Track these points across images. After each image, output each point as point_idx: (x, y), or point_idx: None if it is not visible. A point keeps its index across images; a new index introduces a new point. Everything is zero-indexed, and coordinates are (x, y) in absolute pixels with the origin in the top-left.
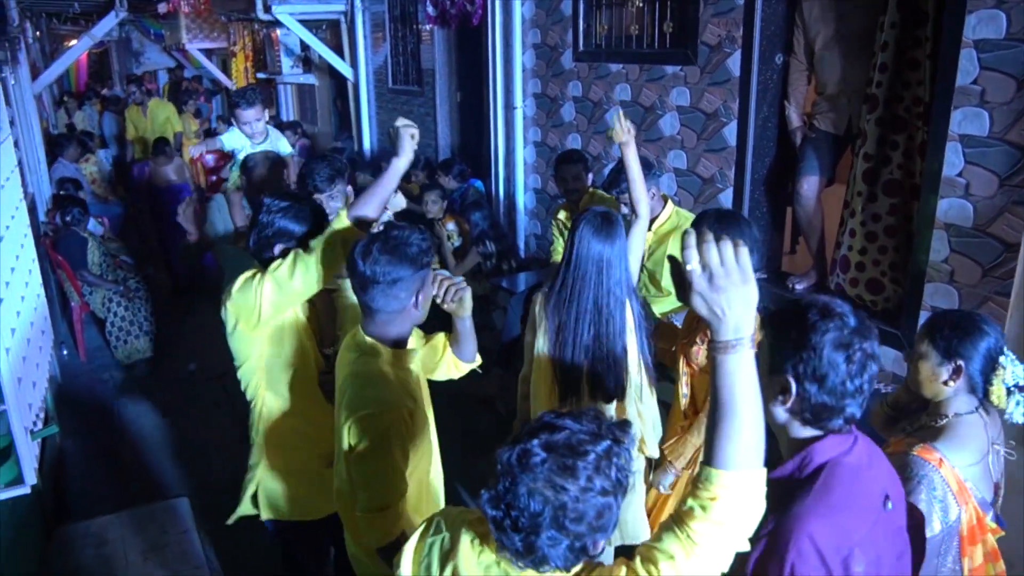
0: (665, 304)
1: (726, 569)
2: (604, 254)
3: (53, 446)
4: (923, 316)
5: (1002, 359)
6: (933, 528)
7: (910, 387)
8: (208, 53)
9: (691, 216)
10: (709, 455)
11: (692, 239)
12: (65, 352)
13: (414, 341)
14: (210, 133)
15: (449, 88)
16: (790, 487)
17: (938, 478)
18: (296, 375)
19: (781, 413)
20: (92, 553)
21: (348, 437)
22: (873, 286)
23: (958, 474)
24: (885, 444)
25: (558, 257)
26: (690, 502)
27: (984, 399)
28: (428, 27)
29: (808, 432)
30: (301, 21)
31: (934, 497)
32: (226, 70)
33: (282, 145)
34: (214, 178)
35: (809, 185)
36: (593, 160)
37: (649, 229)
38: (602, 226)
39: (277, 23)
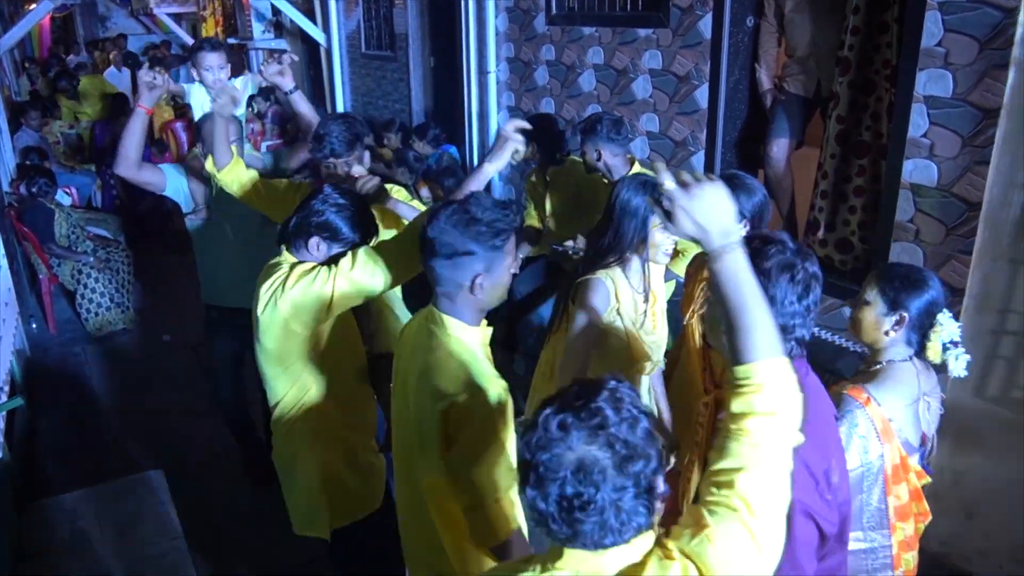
0: None
1: (791, 467)
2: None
3: (22, 420)
4: None
5: (940, 316)
6: (850, 463)
7: (849, 331)
8: (177, 18)
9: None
10: (736, 354)
11: (662, 165)
12: (34, 325)
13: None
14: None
15: (423, 53)
16: None
17: (863, 415)
18: (349, 367)
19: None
20: (67, 528)
21: (444, 426)
22: (842, 246)
23: (884, 414)
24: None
25: (532, 221)
26: (735, 405)
27: (920, 353)
28: None
29: None
30: None
31: (856, 433)
32: (195, 35)
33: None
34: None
35: (779, 147)
36: (566, 124)
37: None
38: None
39: None
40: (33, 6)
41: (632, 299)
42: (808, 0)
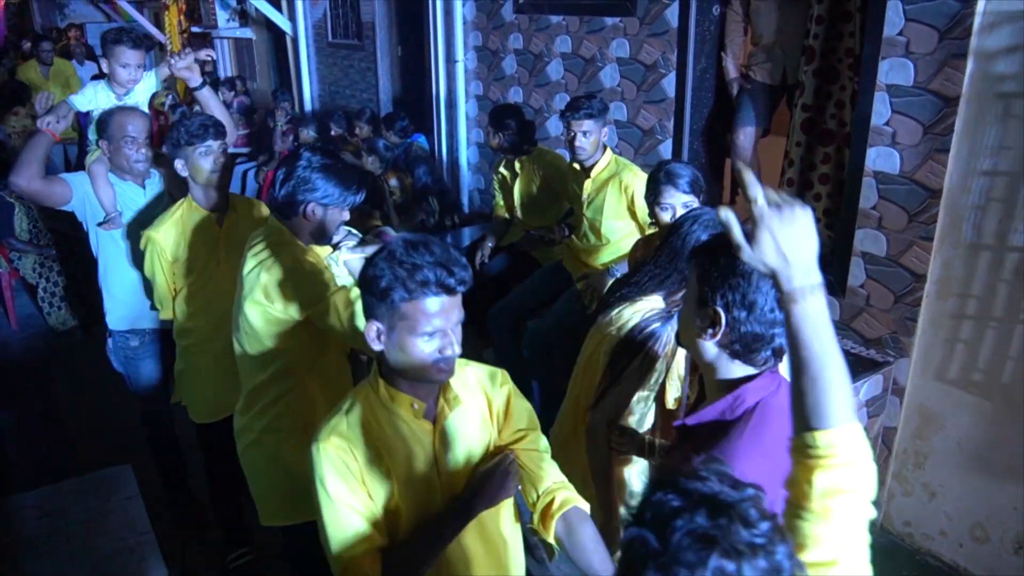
0: (605, 254)
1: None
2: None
3: None
4: (855, 261)
5: None
6: None
7: None
8: (139, 5)
9: (630, 163)
10: (812, 416)
11: (750, 174)
12: None
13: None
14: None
15: (390, 42)
16: (716, 429)
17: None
18: (336, 353)
19: (710, 348)
20: (33, 525)
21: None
22: None
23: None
24: None
25: (500, 212)
26: (819, 481)
27: None
28: None
29: (737, 369)
30: None
31: None
32: (159, 24)
33: (142, 96)
34: None
35: (745, 135)
36: (535, 114)
37: (588, 176)
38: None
39: None
40: None
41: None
42: None
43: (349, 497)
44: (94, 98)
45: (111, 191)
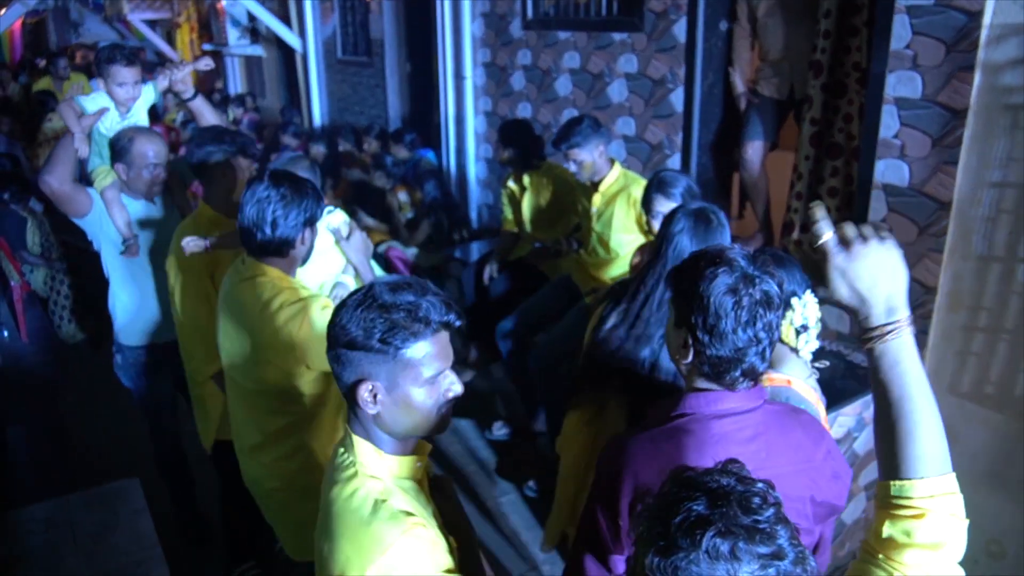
0: (614, 268)
1: None
2: None
3: None
4: None
5: (794, 300)
6: None
7: None
8: (152, 24)
9: (638, 177)
10: (892, 464)
11: (822, 210)
12: (6, 333)
13: None
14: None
15: (399, 58)
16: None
17: (794, 394)
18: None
19: (686, 367)
20: (39, 538)
21: None
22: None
23: (804, 384)
24: None
25: (509, 226)
26: (889, 530)
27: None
28: None
29: (705, 386)
30: None
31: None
32: (171, 42)
33: (142, 112)
34: None
35: (754, 149)
36: (543, 129)
37: (596, 190)
38: (697, 225)
39: None
40: (3, 11)
41: None
42: (780, 4)
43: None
44: (98, 107)
45: (126, 214)
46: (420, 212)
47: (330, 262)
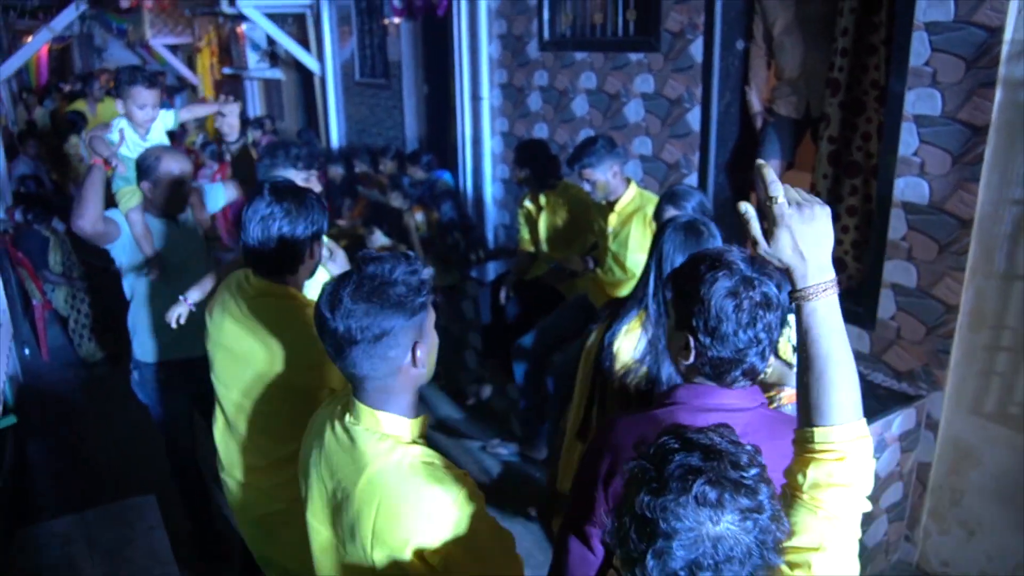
0: (630, 287)
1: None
2: None
3: (13, 445)
4: (884, 293)
5: (790, 317)
6: None
7: None
8: (173, 49)
9: (654, 197)
10: (814, 414)
11: (771, 172)
12: (28, 351)
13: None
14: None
15: (416, 80)
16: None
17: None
18: None
19: (687, 369)
20: (57, 553)
21: (424, 551)
22: (836, 265)
23: None
24: None
25: (525, 246)
26: (812, 473)
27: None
28: (395, 19)
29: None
30: (267, 15)
31: None
32: (191, 66)
33: (160, 134)
34: None
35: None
36: (560, 149)
37: (612, 210)
38: (688, 240)
39: (243, 17)
40: (31, 37)
41: None
42: (797, 22)
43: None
44: (117, 130)
45: (151, 235)
46: (436, 232)
47: (317, 282)
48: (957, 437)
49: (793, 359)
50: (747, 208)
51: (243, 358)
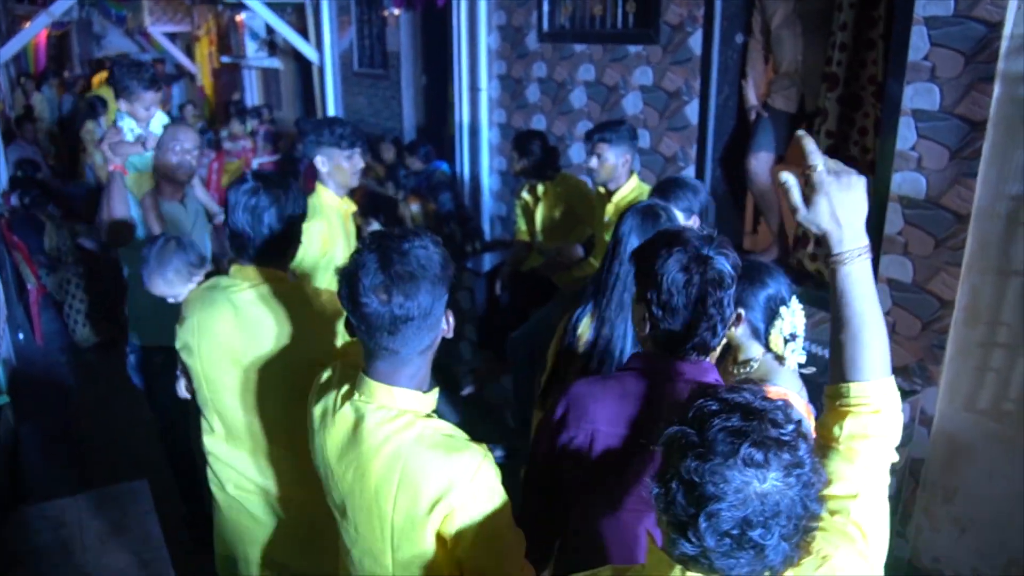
0: None
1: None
2: None
3: (7, 426)
4: (880, 288)
5: (783, 309)
6: None
7: None
8: (171, 37)
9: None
10: (849, 370)
11: (812, 142)
12: (21, 336)
13: None
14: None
15: (414, 71)
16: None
17: (793, 412)
18: None
19: (646, 339)
20: (49, 536)
21: (437, 526)
22: None
23: (799, 399)
24: None
25: (522, 236)
26: (850, 426)
27: (766, 345)
28: (394, 10)
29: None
30: (267, 4)
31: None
32: (190, 54)
33: (157, 127)
34: None
35: (758, 161)
36: (557, 140)
37: (610, 200)
38: (644, 222)
39: (242, 6)
40: (29, 22)
41: None
42: (795, 16)
43: None
44: (130, 133)
45: (163, 220)
46: (433, 223)
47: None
48: (951, 433)
49: (786, 353)
50: (787, 177)
51: (249, 357)
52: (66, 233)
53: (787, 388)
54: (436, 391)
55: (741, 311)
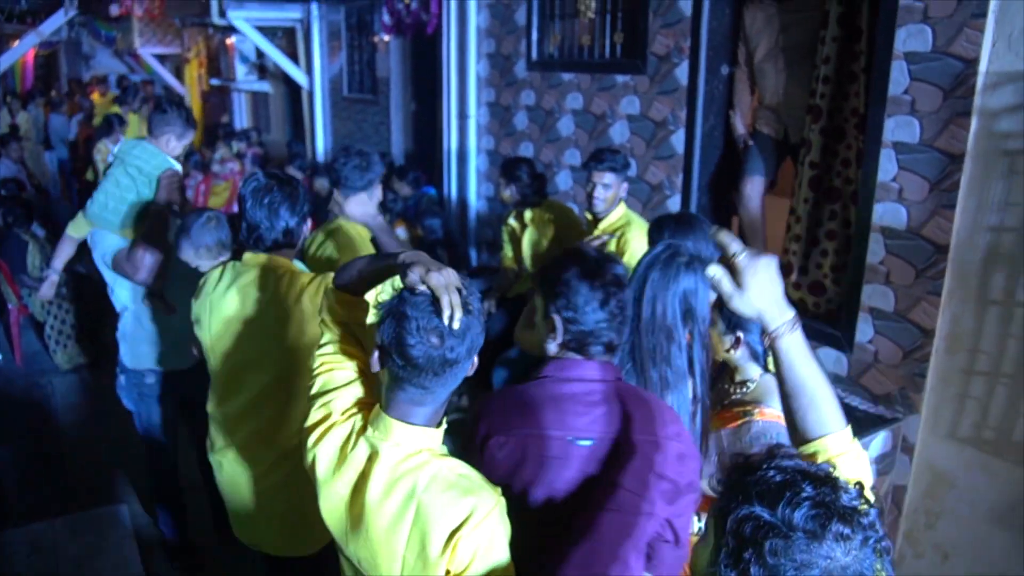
0: None
1: None
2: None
3: None
4: (862, 317)
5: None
6: None
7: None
8: (161, 59)
9: (640, 220)
10: (803, 431)
11: (728, 234)
12: (1, 357)
13: None
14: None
15: (404, 97)
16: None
17: (784, 430)
18: None
19: (555, 349)
20: (25, 561)
21: (454, 565)
22: (815, 288)
23: None
24: (714, 413)
25: (508, 263)
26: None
27: (764, 366)
28: (384, 36)
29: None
30: (257, 28)
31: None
32: (179, 76)
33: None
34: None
35: (752, 185)
36: (545, 168)
37: (597, 227)
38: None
39: (232, 29)
40: (17, 42)
41: None
42: (778, 50)
43: None
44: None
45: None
46: (419, 249)
47: None
48: (932, 461)
49: (731, 352)
50: (715, 271)
51: (252, 338)
52: (50, 253)
53: (782, 411)
54: (445, 423)
55: (740, 334)
